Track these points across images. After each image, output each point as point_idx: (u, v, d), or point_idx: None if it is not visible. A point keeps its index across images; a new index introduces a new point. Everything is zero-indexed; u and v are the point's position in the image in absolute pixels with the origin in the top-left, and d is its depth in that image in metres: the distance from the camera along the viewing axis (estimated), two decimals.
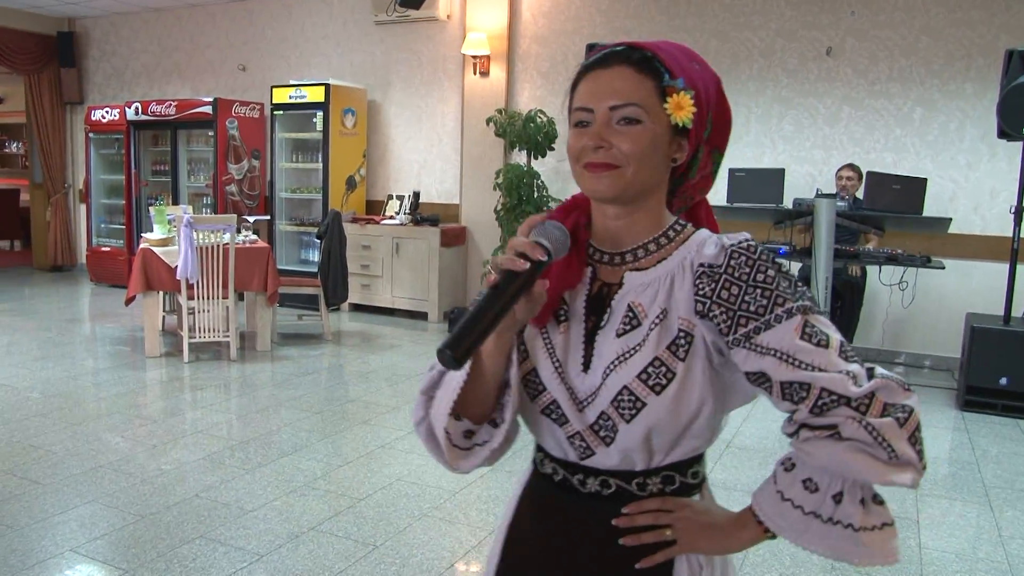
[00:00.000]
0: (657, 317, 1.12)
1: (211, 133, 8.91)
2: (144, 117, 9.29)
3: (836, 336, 1.06)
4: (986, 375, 5.34)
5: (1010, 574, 3.16)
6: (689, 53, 1.16)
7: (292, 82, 8.60)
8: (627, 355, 1.12)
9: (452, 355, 1.01)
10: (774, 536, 1.11)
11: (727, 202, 6.49)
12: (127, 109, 9.43)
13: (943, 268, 5.90)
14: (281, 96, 8.55)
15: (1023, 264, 5.58)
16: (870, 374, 1.04)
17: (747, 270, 1.08)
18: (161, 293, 6.45)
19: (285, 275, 7.44)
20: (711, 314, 1.09)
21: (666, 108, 1.12)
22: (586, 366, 1.14)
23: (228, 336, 6.20)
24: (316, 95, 8.32)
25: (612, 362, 1.12)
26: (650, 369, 1.10)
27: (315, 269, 7.50)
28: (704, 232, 1.17)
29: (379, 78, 8.79)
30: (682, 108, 1.11)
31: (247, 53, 9.58)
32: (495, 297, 1.03)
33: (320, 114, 8.35)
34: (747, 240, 1.12)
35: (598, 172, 1.11)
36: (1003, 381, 5.28)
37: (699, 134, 1.15)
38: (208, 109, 8.84)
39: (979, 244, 6.44)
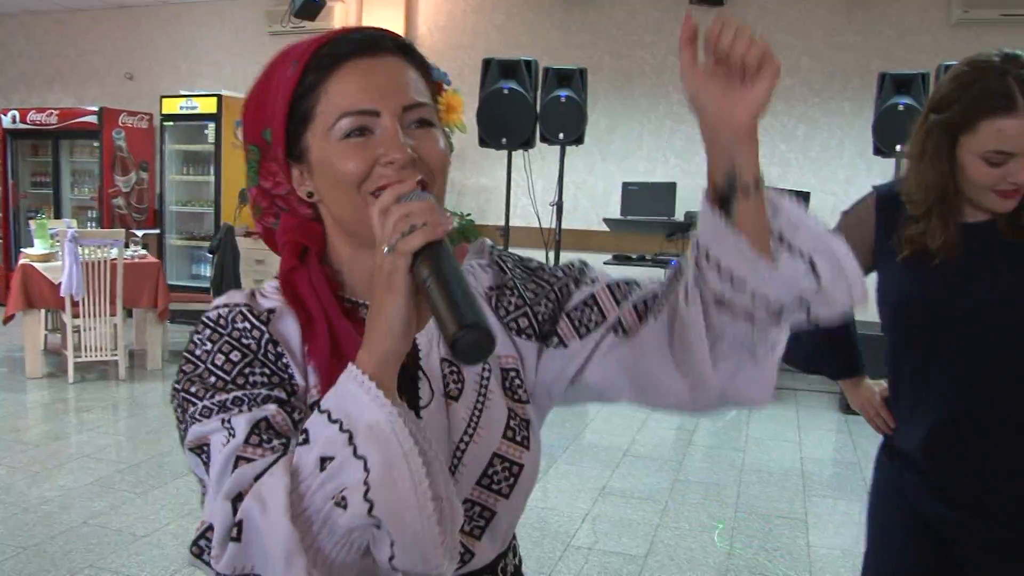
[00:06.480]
0: (484, 367, 0.93)
1: (96, 144, 8.55)
2: (22, 126, 8.82)
3: None
4: None
5: None
6: None
7: (182, 92, 8.35)
8: (475, 419, 0.91)
9: (488, 330, 0.71)
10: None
11: (620, 215, 6.66)
12: (3, 117, 8.91)
13: None
14: (171, 106, 8.27)
15: None
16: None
17: (518, 262, 1.00)
18: (43, 311, 6.15)
19: (176, 291, 7.20)
20: (539, 317, 0.96)
21: (438, 109, 0.90)
22: None
23: (116, 355, 5.96)
24: (208, 106, 8.09)
25: (465, 433, 0.91)
26: (512, 423, 0.93)
27: (207, 284, 7.29)
28: None
29: None
30: (454, 110, 0.92)
31: (134, 61, 9.25)
32: (439, 265, 0.74)
33: (212, 126, 8.13)
34: (491, 245, 1.02)
35: None
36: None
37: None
38: (93, 119, 8.48)
39: None
